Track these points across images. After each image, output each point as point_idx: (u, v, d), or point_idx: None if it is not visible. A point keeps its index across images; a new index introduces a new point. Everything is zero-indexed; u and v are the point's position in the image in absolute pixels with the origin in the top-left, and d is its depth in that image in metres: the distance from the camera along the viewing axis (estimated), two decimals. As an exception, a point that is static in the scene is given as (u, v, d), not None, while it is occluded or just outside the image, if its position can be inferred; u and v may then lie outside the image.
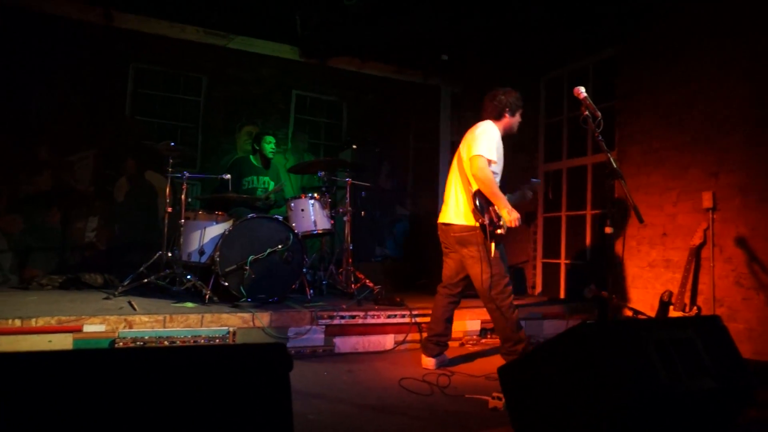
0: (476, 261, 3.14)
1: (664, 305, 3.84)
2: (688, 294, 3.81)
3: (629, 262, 4.50)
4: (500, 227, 3.14)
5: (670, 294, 3.83)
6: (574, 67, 5.45)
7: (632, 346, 1.67)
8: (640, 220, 2.87)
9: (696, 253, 3.88)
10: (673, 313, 3.75)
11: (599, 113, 2.73)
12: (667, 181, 4.24)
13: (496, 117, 3.31)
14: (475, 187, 3.16)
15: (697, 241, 3.85)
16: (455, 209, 3.25)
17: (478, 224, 3.13)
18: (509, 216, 3.09)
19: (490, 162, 3.12)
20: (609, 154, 2.69)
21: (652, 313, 4.06)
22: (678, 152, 4.16)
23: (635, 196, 4.31)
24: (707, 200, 3.88)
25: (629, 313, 4.27)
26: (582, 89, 2.81)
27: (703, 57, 4.00)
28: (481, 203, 3.13)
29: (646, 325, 1.79)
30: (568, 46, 5.33)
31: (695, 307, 3.78)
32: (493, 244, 3.12)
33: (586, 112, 2.76)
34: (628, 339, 1.69)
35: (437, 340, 3.32)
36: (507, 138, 3.36)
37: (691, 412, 1.70)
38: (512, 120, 3.33)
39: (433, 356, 3.30)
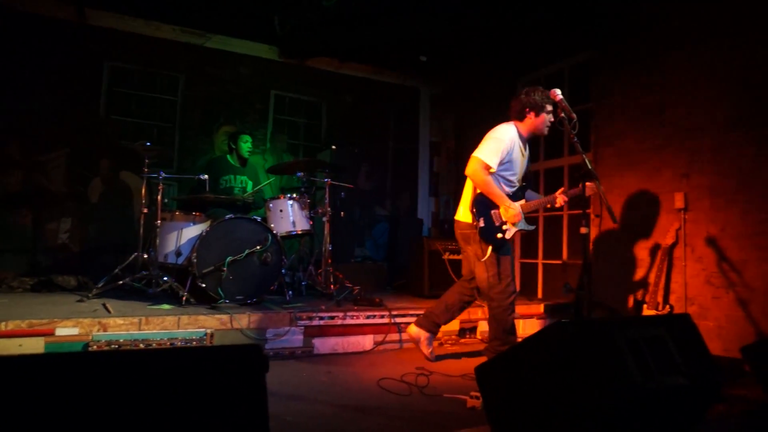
0: (476, 259, 3.24)
1: (637, 304, 3.92)
2: (661, 293, 3.90)
3: (604, 262, 4.57)
4: (501, 231, 3.20)
5: (644, 293, 3.92)
6: (551, 70, 5.53)
7: (606, 345, 1.70)
8: (614, 221, 2.94)
9: (668, 253, 3.97)
10: (647, 311, 3.83)
11: (574, 115, 2.78)
12: (640, 183, 4.33)
13: (518, 117, 3.28)
14: (479, 189, 3.23)
15: (669, 240, 3.94)
16: (462, 207, 3.36)
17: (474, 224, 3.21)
18: (507, 213, 3.16)
19: (488, 167, 3.14)
20: (584, 156, 2.74)
21: (626, 312, 4.14)
22: (651, 154, 4.25)
23: (610, 197, 4.41)
24: (679, 201, 3.97)
25: (604, 312, 4.34)
26: (558, 92, 2.86)
27: (675, 63, 4.09)
28: (480, 206, 3.20)
29: (620, 324, 1.83)
30: (544, 49, 5.41)
31: (668, 306, 3.87)
32: (490, 247, 3.18)
33: (562, 114, 2.81)
34: (602, 338, 1.72)
35: (431, 317, 3.45)
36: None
37: (662, 408, 1.74)
38: (537, 120, 3.22)
39: (420, 327, 3.45)
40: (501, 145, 3.15)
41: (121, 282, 3.79)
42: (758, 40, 3.56)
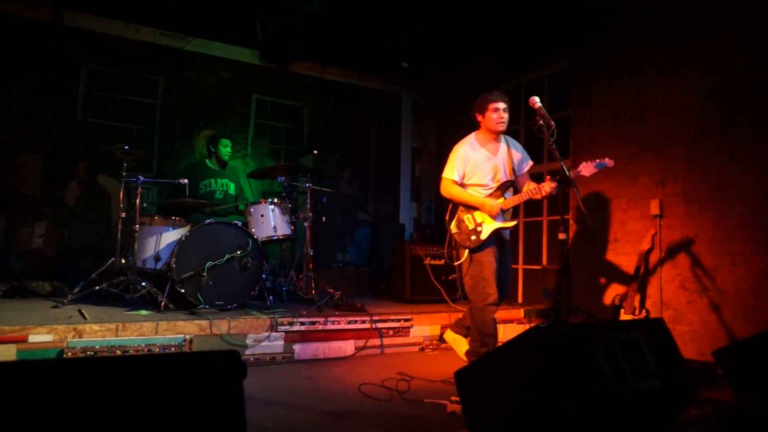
0: (458, 263, 3.39)
1: (615, 308, 3.97)
2: (637, 298, 3.96)
3: (582, 267, 4.64)
4: (475, 233, 3.29)
5: (621, 298, 3.97)
6: (530, 77, 5.60)
7: (582, 349, 1.73)
8: (592, 226, 2.98)
9: (645, 258, 4.04)
10: (624, 316, 3.89)
11: (553, 123, 2.82)
12: (617, 189, 4.41)
13: (476, 126, 3.47)
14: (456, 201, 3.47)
15: (645, 246, 4.01)
16: None
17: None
18: (486, 210, 3.28)
19: (454, 181, 3.38)
20: (562, 162, 2.78)
21: (604, 316, 4.21)
22: (628, 161, 4.33)
23: (588, 203, 4.47)
24: (654, 207, 4.05)
25: (582, 317, 4.40)
26: (537, 99, 2.90)
27: (650, 71, 4.18)
28: (453, 213, 3.41)
29: (596, 328, 1.86)
30: (525, 56, 5.48)
31: (644, 311, 3.93)
32: (466, 251, 3.29)
33: (541, 122, 2.85)
34: (578, 342, 1.75)
35: (461, 321, 3.64)
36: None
37: (636, 411, 1.77)
38: (485, 120, 3.37)
39: (454, 332, 3.63)
40: (454, 159, 3.40)
41: (97, 287, 3.73)
42: (731, 52, 3.66)
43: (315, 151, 5.66)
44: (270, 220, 4.31)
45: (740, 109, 3.59)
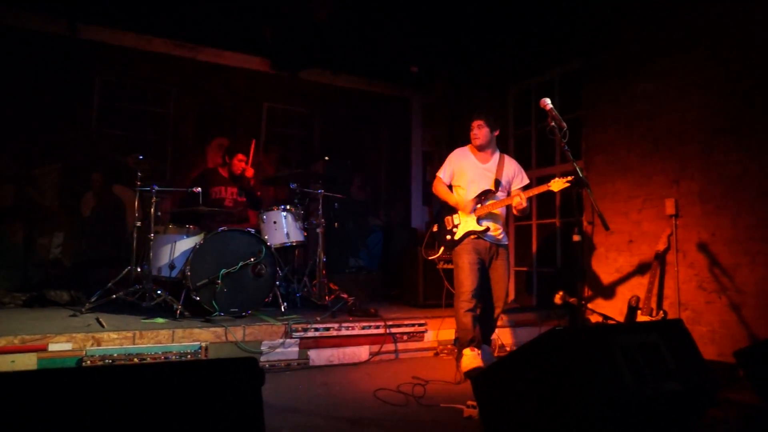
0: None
1: (631, 310, 3.93)
2: (654, 298, 3.92)
3: (598, 269, 4.60)
4: (451, 233, 3.53)
5: (638, 299, 3.93)
6: (541, 79, 5.58)
7: (600, 352, 1.71)
8: (606, 228, 2.95)
9: (661, 259, 4.00)
10: (641, 317, 3.85)
11: (564, 124, 2.80)
12: (631, 189, 4.36)
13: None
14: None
15: (661, 246, 3.96)
16: None
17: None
18: (461, 209, 3.53)
19: (441, 179, 3.68)
20: (575, 164, 2.77)
21: (621, 318, 4.16)
22: (641, 161, 4.29)
23: (602, 205, 4.44)
24: (670, 207, 4.01)
25: (599, 319, 4.35)
26: (548, 101, 2.88)
27: (663, 70, 4.15)
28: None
29: (613, 330, 1.84)
30: (535, 58, 5.46)
31: (661, 312, 3.89)
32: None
33: (552, 123, 2.83)
34: (596, 344, 1.73)
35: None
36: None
37: (656, 413, 1.75)
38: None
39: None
40: (447, 161, 3.72)
41: (114, 296, 3.77)
42: (746, 49, 3.62)
43: (326, 158, 5.68)
44: (283, 227, 4.33)
45: (757, 106, 3.55)
